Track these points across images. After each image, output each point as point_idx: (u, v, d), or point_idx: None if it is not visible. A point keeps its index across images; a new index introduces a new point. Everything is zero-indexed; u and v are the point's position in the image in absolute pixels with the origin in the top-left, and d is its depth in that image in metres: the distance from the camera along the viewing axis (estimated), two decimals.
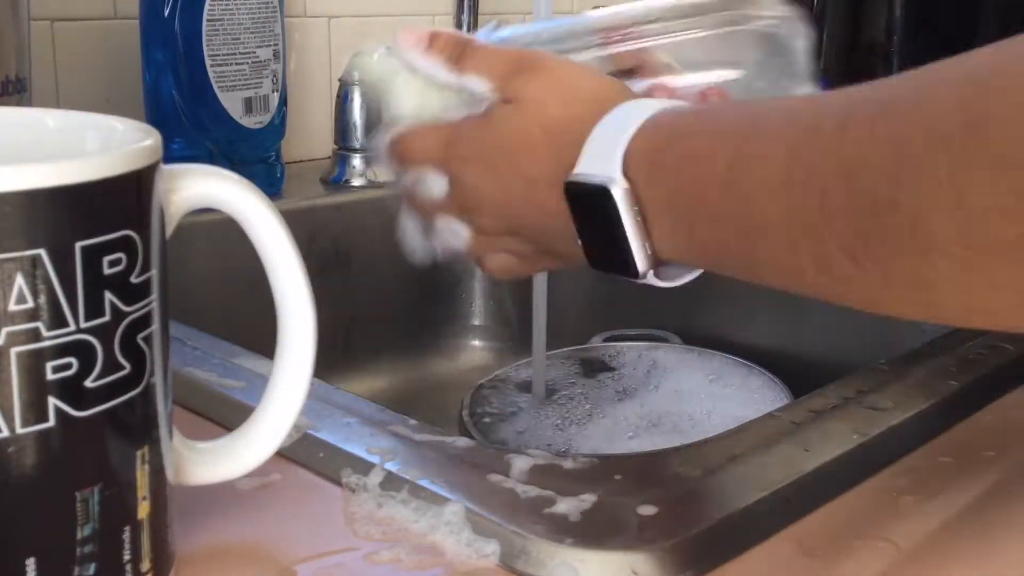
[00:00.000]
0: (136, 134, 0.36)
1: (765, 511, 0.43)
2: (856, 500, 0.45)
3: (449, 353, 0.98)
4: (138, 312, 0.33)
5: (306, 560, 0.39)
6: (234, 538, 0.41)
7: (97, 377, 0.32)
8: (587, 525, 0.40)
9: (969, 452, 0.50)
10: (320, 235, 0.89)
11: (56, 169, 0.31)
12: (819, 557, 0.41)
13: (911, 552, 0.41)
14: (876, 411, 0.51)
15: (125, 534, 0.34)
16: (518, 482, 0.43)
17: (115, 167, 0.32)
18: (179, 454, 0.38)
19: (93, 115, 0.39)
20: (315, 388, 0.40)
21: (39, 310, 0.31)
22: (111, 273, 0.32)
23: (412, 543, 0.40)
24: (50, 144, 0.39)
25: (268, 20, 0.86)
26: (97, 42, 0.90)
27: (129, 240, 0.33)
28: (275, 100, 0.88)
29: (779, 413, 0.51)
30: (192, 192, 0.37)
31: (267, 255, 0.38)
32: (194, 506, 0.41)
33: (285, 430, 0.40)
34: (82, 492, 0.33)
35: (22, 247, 0.30)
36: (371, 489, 0.43)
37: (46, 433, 0.31)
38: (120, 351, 0.33)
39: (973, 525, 0.44)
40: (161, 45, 0.81)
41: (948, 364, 0.57)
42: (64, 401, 0.32)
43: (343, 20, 1.05)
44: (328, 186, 0.95)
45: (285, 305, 0.39)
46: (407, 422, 0.49)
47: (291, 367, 0.39)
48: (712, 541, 0.41)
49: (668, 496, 0.42)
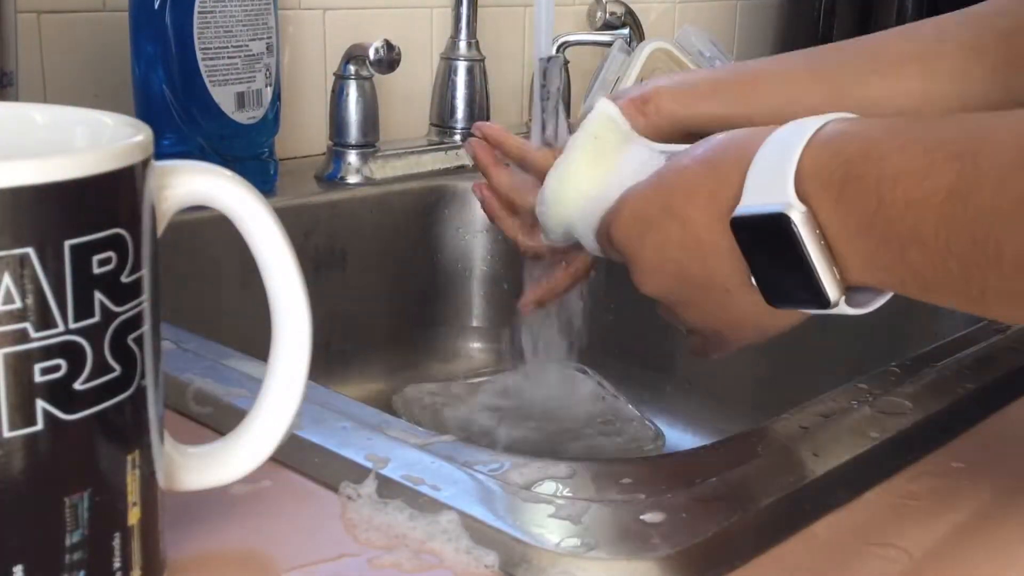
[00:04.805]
0: (126, 130, 0.35)
1: (774, 517, 0.42)
2: (866, 505, 0.45)
3: (447, 355, 0.98)
4: (129, 312, 0.33)
5: (302, 567, 0.39)
6: (227, 545, 0.41)
7: (86, 379, 0.32)
8: (590, 532, 0.40)
9: (981, 457, 0.49)
10: (315, 233, 0.89)
11: (44, 165, 0.30)
12: (829, 564, 0.40)
13: (922, 558, 0.41)
14: (887, 415, 0.51)
15: (115, 541, 0.34)
16: (519, 488, 0.43)
17: (105, 163, 0.32)
18: (170, 459, 0.38)
19: (82, 110, 0.38)
20: (310, 391, 0.40)
21: (27, 310, 0.30)
22: (101, 272, 0.32)
23: (412, 549, 0.40)
24: (38, 140, 0.38)
25: (261, 12, 0.85)
26: (85, 35, 0.89)
27: (119, 238, 0.32)
28: (268, 95, 0.87)
29: (789, 417, 0.50)
30: (184, 189, 0.36)
31: (261, 254, 0.38)
32: (186, 512, 0.41)
33: (279, 434, 0.39)
34: (71, 498, 0.32)
35: (9, 246, 0.30)
36: (368, 495, 0.43)
37: (34, 437, 0.31)
38: (110, 353, 0.32)
39: (985, 532, 0.43)
40: (151, 38, 0.80)
41: (960, 368, 0.57)
42: (52, 404, 0.31)
43: (338, 13, 1.04)
44: (323, 183, 0.94)
45: (279, 305, 0.38)
46: (404, 426, 0.48)
47: (285, 370, 0.39)
48: (719, 548, 0.40)
49: (674, 502, 0.42)
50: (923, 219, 0.39)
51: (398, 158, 0.97)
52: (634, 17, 1.19)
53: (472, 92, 1.03)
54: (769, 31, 1.50)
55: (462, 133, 1.04)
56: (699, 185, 0.47)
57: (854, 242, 0.42)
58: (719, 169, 0.47)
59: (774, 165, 0.44)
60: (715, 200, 0.46)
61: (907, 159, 0.40)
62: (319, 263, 0.89)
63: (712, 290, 0.48)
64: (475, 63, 1.03)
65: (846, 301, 0.44)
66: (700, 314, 0.50)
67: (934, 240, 0.39)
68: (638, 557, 0.38)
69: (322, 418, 0.48)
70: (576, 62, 1.15)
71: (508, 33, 1.18)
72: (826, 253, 0.42)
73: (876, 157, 0.41)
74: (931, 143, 0.40)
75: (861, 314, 0.45)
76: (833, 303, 0.43)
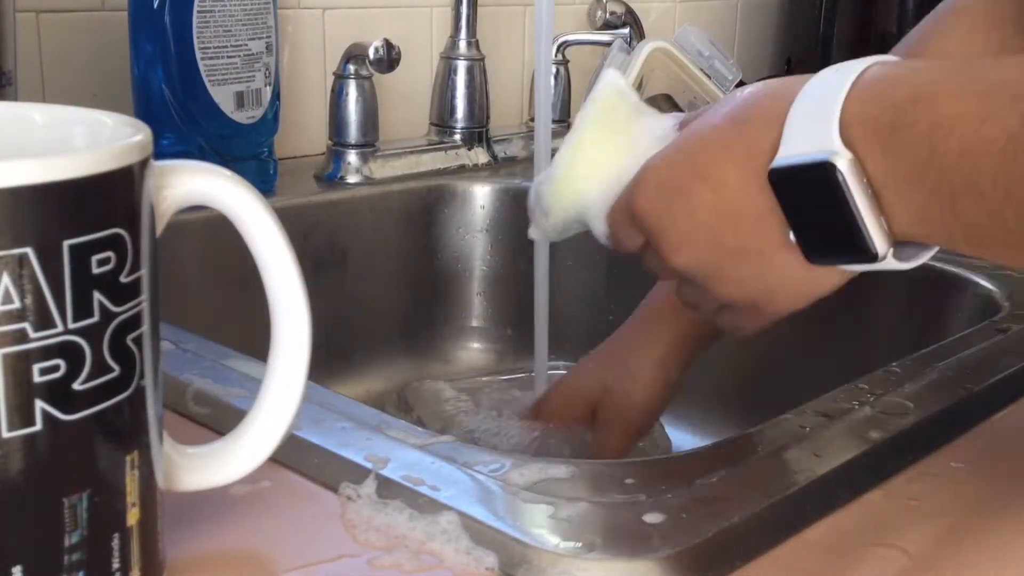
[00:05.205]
0: (125, 129, 0.35)
1: (774, 517, 0.42)
2: (867, 506, 0.45)
3: (447, 355, 0.98)
4: (128, 313, 0.33)
5: (302, 568, 0.39)
6: (227, 545, 0.40)
7: (85, 380, 0.32)
8: (590, 533, 0.40)
9: (982, 458, 0.49)
10: (314, 233, 0.88)
11: (43, 165, 0.30)
12: (829, 564, 0.40)
13: (922, 559, 0.41)
14: (888, 415, 0.51)
15: (114, 541, 0.34)
16: (519, 488, 0.43)
17: (104, 163, 0.32)
18: (170, 459, 0.38)
19: (81, 110, 0.38)
20: (309, 391, 0.40)
21: (26, 311, 0.30)
22: (100, 272, 0.32)
23: (412, 549, 0.40)
24: (37, 139, 0.38)
25: (260, 12, 0.85)
26: (84, 34, 0.89)
27: (118, 238, 0.32)
28: (268, 94, 0.87)
29: (789, 417, 0.50)
30: (183, 189, 0.36)
31: (260, 254, 0.38)
32: (185, 513, 0.41)
33: (279, 435, 0.39)
34: (70, 498, 0.32)
35: (8, 245, 0.30)
36: (367, 496, 0.43)
37: (33, 437, 0.31)
38: (109, 353, 0.32)
39: (985, 532, 0.43)
40: (150, 37, 0.80)
41: (961, 368, 0.57)
42: (51, 404, 0.31)
43: (338, 12, 1.04)
44: (322, 183, 0.94)
45: (279, 305, 0.38)
46: (403, 426, 0.48)
47: (285, 370, 0.39)
48: (719, 548, 0.40)
49: (674, 503, 0.42)
50: (980, 168, 0.37)
51: (398, 158, 0.97)
52: (634, 16, 1.19)
53: (472, 92, 1.03)
54: (769, 31, 1.50)
55: (462, 133, 1.04)
56: (730, 143, 0.45)
57: (903, 192, 0.40)
58: (752, 123, 0.44)
59: (816, 111, 0.41)
60: (749, 157, 0.43)
61: (961, 104, 0.38)
62: (319, 263, 0.88)
63: (748, 255, 0.45)
64: (475, 62, 1.03)
65: (898, 255, 0.42)
66: (734, 285, 0.47)
67: (992, 190, 0.37)
68: (638, 558, 0.38)
69: (322, 418, 0.48)
70: (576, 62, 1.14)
71: (508, 33, 1.17)
72: (873, 203, 0.40)
73: (927, 101, 0.39)
74: (986, 86, 0.38)
75: (908, 268, 0.42)
76: (881, 256, 0.41)
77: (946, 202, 0.38)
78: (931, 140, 0.38)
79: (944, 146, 0.38)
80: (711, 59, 1.08)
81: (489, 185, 0.98)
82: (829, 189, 0.40)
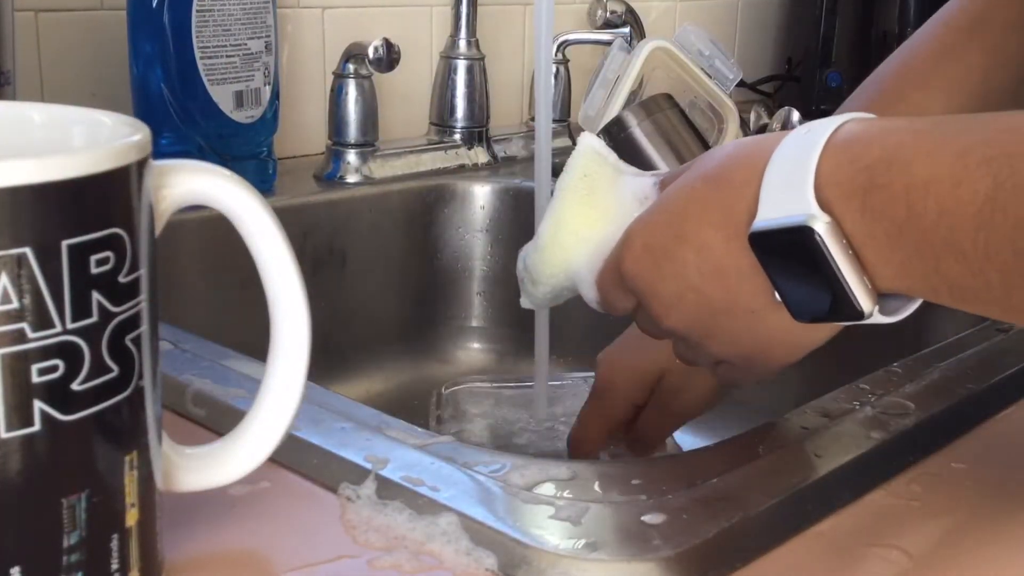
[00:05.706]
0: (124, 129, 0.35)
1: (775, 518, 0.42)
2: (868, 506, 0.44)
3: (447, 356, 0.98)
4: (126, 313, 0.33)
5: (301, 568, 0.39)
6: (226, 546, 0.40)
7: (84, 380, 0.32)
8: (591, 533, 0.40)
9: (983, 458, 0.49)
10: (314, 233, 0.88)
11: (42, 165, 0.30)
12: (830, 564, 0.40)
13: (922, 559, 0.41)
14: (888, 416, 0.51)
15: (113, 542, 0.34)
16: (519, 489, 0.42)
17: (103, 163, 0.32)
18: (168, 460, 0.38)
19: (80, 109, 0.38)
20: (308, 391, 0.39)
21: (24, 311, 0.30)
22: (99, 272, 0.32)
23: (411, 550, 0.40)
24: (35, 139, 0.38)
25: (260, 11, 0.85)
26: (83, 34, 0.89)
27: (117, 238, 0.32)
28: (267, 94, 0.87)
29: (790, 417, 0.50)
30: (182, 188, 0.36)
31: (259, 254, 0.38)
32: (184, 513, 0.41)
33: (278, 435, 0.39)
34: (68, 499, 0.32)
35: (6, 245, 0.30)
36: (367, 496, 0.43)
37: (31, 438, 0.31)
38: (108, 353, 0.32)
39: (985, 532, 0.43)
40: (149, 37, 0.80)
41: (962, 368, 0.57)
42: (50, 404, 0.31)
43: (337, 11, 1.04)
44: (322, 182, 0.94)
45: (278, 305, 0.38)
46: (403, 427, 0.48)
47: (284, 370, 0.39)
48: (720, 549, 0.40)
49: (675, 503, 0.42)
50: (959, 228, 0.37)
51: (397, 157, 0.97)
52: (634, 16, 1.19)
53: (472, 91, 1.03)
54: (770, 31, 1.50)
55: (462, 132, 1.03)
56: (709, 204, 0.45)
57: (883, 252, 0.40)
58: (729, 184, 0.44)
59: (790, 173, 0.41)
60: (729, 219, 0.44)
61: (936, 164, 0.38)
62: (318, 263, 0.88)
63: (737, 314, 0.45)
64: (475, 62, 1.03)
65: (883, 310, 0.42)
66: (727, 342, 0.47)
67: (972, 250, 0.37)
68: (639, 558, 0.38)
69: (321, 419, 0.48)
70: (576, 61, 1.14)
71: (508, 32, 1.17)
72: (855, 263, 0.40)
73: (902, 163, 0.39)
74: (960, 146, 0.37)
75: (894, 322, 0.42)
76: (867, 314, 0.41)
77: (929, 261, 0.38)
78: (908, 201, 0.38)
79: (922, 206, 0.38)
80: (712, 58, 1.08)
81: (489, 185, 0.98)
82: (809, 252, 0.40)
